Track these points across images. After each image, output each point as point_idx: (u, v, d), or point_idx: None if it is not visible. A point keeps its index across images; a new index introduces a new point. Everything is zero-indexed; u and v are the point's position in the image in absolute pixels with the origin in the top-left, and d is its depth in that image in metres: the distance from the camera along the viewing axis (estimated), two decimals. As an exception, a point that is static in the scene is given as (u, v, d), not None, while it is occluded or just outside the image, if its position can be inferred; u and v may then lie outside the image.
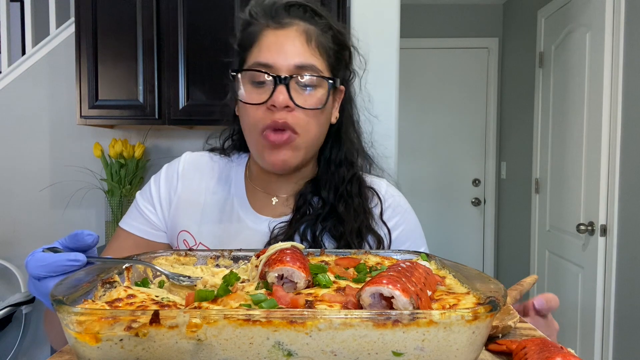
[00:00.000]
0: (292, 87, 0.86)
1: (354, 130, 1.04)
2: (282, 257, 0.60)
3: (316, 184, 0.99)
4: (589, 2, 2.65)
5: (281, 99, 0.84)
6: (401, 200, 1.05)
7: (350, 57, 1.00)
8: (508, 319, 0.65)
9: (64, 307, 0.46)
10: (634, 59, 2.33)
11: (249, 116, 0.89)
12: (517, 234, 3.86)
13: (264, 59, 0.87)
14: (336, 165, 1.00)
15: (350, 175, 0.99)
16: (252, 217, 0.98)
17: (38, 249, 0.64)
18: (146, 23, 2.51)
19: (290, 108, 0.86)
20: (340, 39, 0.95)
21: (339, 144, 1.01)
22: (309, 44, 0.88)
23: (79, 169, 2.82)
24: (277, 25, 0.89)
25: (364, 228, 0.96)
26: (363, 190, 1.00)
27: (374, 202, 1.00)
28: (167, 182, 1.02)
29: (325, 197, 0.97)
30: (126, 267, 0.65)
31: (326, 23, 0.92)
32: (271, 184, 1.00)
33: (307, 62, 0.87)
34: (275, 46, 0.87)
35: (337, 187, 0.97)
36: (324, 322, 0.45)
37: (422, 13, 4.23)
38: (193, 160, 1.05)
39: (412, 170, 4.31)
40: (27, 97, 2.87)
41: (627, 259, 2.38)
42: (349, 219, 0.94)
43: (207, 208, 0.99)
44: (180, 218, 0.99)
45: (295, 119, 0.87)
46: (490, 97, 4.32)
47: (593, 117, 2.62)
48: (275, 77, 0.85)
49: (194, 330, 0.45)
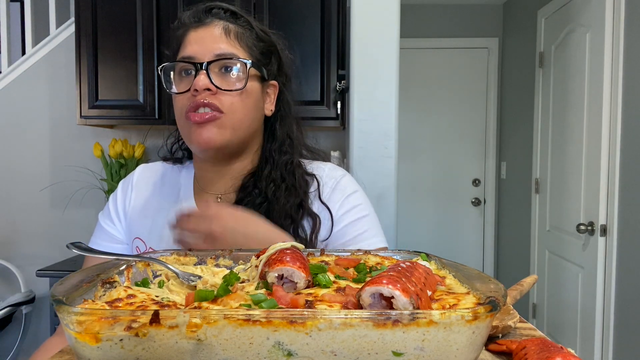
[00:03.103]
0: (212, 72, 0.92)
1: (290, 125, 1.07)
2: (282, 257, 0.60)
3: (255, 176, 1.02)
4: (589, 2, 2.65)
5: (201, 82, 0.90)
6: (344, 179, 1.05)
7: (281, 59, 1.04)
8: (508, 319, 0.66)
9: (64, 307, 0.46)
10: (634, 59, 2.33)
11: (177, 106, 0.96)
12: (517, 234, 3.86)
13: (187, 52, 0.94)
14: (270, 154, 1.03)
15: (283, 162, 1.02)
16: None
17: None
18: (146, 23, 2.51)
19: (212, 91, 0.91)
20: (265, 37, 1.01)
21: (274, 136, 1.05)
22: (228, 36, 0.95)
23: (79, 169, 2.82)
24: (198, 24, 0.96)
25: (298, 208, 0.98)
26: (297, 173, 1.02)
27: (313, 187, 1.03)
28: (123, 194, 1.08)
29: (259, 186, 1.00)
30: (126, 267, 0.65)
31: (247, 22, 0.99)
32: (213, 181, 1.04)
33: (226, 51, 0.94)
34: (196, 40, 0.95)
35: (270, 174, 1.01)
36: (324, 322, 0.45)
37: (422, 13, 4.23)
38: (146, 171, 1.11)
39: (412, 170, 4.31)
40: (27, 97, 2.87)
41: (627, 259, 2.39)
42: (277, 201, 0.97)
43: (156, 214, 1.04)
44: (133, 226, 1.05)
45: (219, 100, 0.92)
46: (490, 97, 4.32)
47: (593, 117, 2.62)
48: (195, 64, 0.92)
49: (194, 330, 0.45)
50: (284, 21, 2.45)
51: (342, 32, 2.48)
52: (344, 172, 1.08)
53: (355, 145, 2.13)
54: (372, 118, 2.11)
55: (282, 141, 1.04)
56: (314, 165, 1.08)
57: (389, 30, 2.10)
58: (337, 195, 1.02)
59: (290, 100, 1.07)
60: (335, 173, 1.06)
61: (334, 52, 2.47)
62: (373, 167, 2.09)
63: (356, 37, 2.11)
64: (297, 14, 2.47)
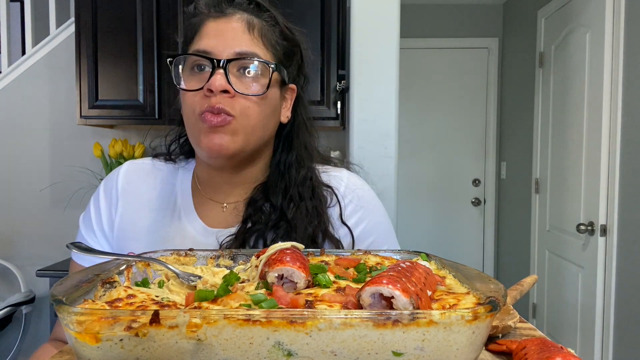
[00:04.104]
0: (231, 72, 0.83)
1: (307, 134, 0.98)
2: (282, 257, 0.60)
3: (266, 189, 0.93)
4: (589, 2, 2.65)
5: (218, 83, 0.80)
6: (364, 193, 0.98)
7: (302, 59, 0.95)
8: (508, 319, 0.66)
9: (64, 307, 0.46)
10: (634, 59, 2.33)
11: (187, 104, 0.86)
12: (517, 234, 3.86)
13: (203, 46, 0.84)
14: (286, 167, 0.94)
15: (301, 177, 0.93)
16: (200, 230, 0.92)
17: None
18: (146, 23, 2.51)
19: (229, 94, 0.82)
20: (290, 35, 0.91)
21: (290, 147, 0.95)
22: (251, 32, 0.85)
23: (79, 169, 2.82)
24: (218, 14, 0.86)
25: (319, 233, 0.90)
26: (317, 192, 0.93)
27: (333, 202, 0.95)
28: (107, 202, 0.96)
29: (274, 202, 0.90)
30: (126, 267, 0.65)
31: (272, 16, 0.90)
32: (219, 189, 0.94)
33: (248, 50, 0.84)
34: (215, 33, 0.85)
35: (287, 190, 0.91)
36: (324, 322, 0.45)
37: (422, 13, 4.23)
38: (134, 172, 0.98)
39: (412, 170, 4.31)
40: (27, 97, 2.87)
41: (627, 259, 2.38)
42: (300, 224, 0.88)
43: (152, 226, 0.93)
44: (125, 240, 0.93)
45: (233, 104, 0.82)
46: (490, 97, 4.32)
47: (593, 117, 2.62)
48: (212, 60, 0.82)
49: (194, 330, 0.45)
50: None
51: (342, 32, 2.48)
52: (362, 182, 1.01)
53: (355, 145, 2.13)
54: (372, 118, 2.11)
55: (299, 152, 0.95)
56: (329, 173, 0.99)
57: (389, 30, 2.10)
58: (358, 212, 0.95)
59: (307, 106, 0.98)
60: (354, 185, 0.98)
61: (334, 52, 2.47)
62: (373, 167, 2.09)
63: (356, 37, 2.11)
64: (297, 14, 2.46)
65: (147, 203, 0.95)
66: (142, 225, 0.94)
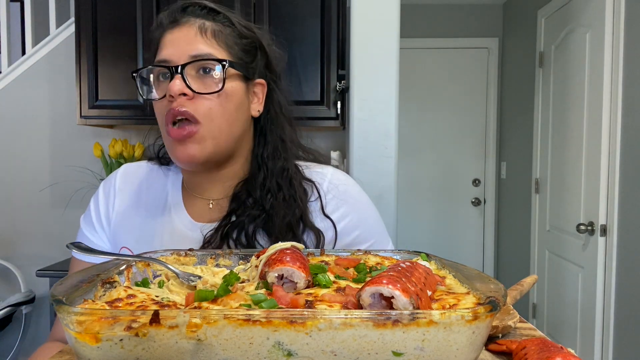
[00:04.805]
0: (189, 75, 0.86)
1: (282, 126, 1.00)
2: (282, 257, 0.60)
3: (248, 184, 0.97)
4: (589, 2, 2.65)
5: (176, 87, 0.84)
6: (349, 188, 1.00)
7: (268, 55, 0.97)
8: (508, 319, 0.66)
9: (64, 307, 0.46)
10: (634, 59, 2.33)
11: (157, 113, 0.91)
12: (517, 234, 3.86)
13: (162, 56, 0.89)
14: (263, 160, 0.97)
15: (279, 169, 0.96)
16: (188, 225, 0.96)
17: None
18: (146, 23, 2.51)
19: (188, 96, 0.86)
20: (247, 33, 0.94)
21: (264, 140, 0.98)
22: (204, 35, 0.89)
23: (79, 169, 2.82)
24: (173, 25, 0.91)
25: (298, 221, 0.92)
26: (294, 182, 0.96)
27: (314, 196, 0.97)
28: (106, 199, 1.02)
29: (254, 195, 0.94)
30: (126, 267, 0.65)
31: (226, 17, 0.93)
32: (203, 187, 0.98)
33: (202, 52, 0.87)
34: (171, 42, 0.89)
35: (264, 182, 0.95)
36: (324, 322, 0.45)
37: (422, 13, 4.23)
38: (130, 173, 1.04)
39: (412, 170, 4.31)
40: (27, 97, 2.87)
41: (627, 259, 2.38)
42: (277, 213, 0.91)
43: (144, 221, 0.98)
44: (119, 234, 0.98)
45: (195, 106, 0.86)
46: (490, 97, 4.32)
47: (593, 117, 2.62)
48: (169, 67, 0.87)
49: (194, 330, 0.45)
50: (284, 21, 2.45)
51: (342, 32, 2.48)
52: (346, 177, 1.03)
53: (355, 145, 2.13)
54: (372, 118, 2.11)
55: (275, 145, 0.98)
56: (312, 169, 1.01)
57: (389, 30, 2.10)
58: (341, 207, 0.97)
59: (281, 99, 1.00)
60: (337, 180, 1.00)
61: (334, 52, 2.47)
62: (373, 167, 2.09)
63: (356, 37, 2.11)
64: (297, 14, 2.47)
65: (140, 201, 1.01)
66: (135, 220, 0.99)
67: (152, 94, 0.91)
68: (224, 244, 0.91)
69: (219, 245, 0.90)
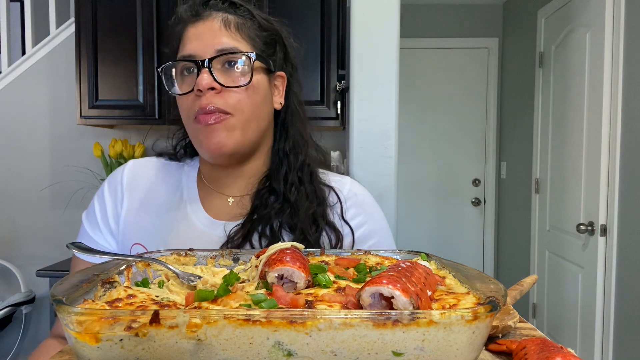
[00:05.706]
0: (215, 69, 0.87)
1: (299, 120, 1.01)
2: (282, 257, 0.60)
3: (269, 179, 0.97)
4: (589, 2, 2.65)
5: (204, 82, 0.85)
6: (366, 199, 1.03)
7: (286, 47, 0.99)
8: (508, 319, 0.66)
9: (64, 307, 0.46)
10: (634, 59, 2.33)
11: (182, 108, 0.91)
12: (517, 234, 3.86)
13: (187, 51, 0.89)
14: (285, 154, 0.98)
15: (300, 163, 0.97)
16: (206, 222, 0.95)
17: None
18: (146, 23, 2.51)
19: (216, 90, 0.86)
20: (267, 25, 0.95)
21: (286, 134, 0.99)
22: (228, 29, 0.89)
23: (79, 169, 2.82)
24: (196, 19, 0.91)
25: (319, 217, 0.93)
26: (315, 179, 0.98)
27: (333, 200, 0.98)
28: (112, 198, 0.98)
29: (277, 188, 0.94)
30: (126, 267, 0.65)
31: (247, 10, 0.93)
32: (223, 183, 0.98)
33: (227, 46, 0.88)
34: (195, 36, 0.89)
35: (287, 175, 0.96)
36: (324, 322, 0.45)
37: (422, 13, 4.23)
38: (139, 168, 1.02)
39: (412, 170, 4.31)
40: (27, 97, 2.87)
41: (627, 259, 2.38)
42: (302, 205, 0.92)
43: (158, 218, 0.96)
44: (130, 232, 0.96)
45: (224, 100, 0.87)
46: (490, 97, 4.32)
47: (593, 117, 2.62)
48: (196, 62, 0.87)
49: (194, 330, 0.45)
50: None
51: (342, 32, 2.48)
52: (364, 189, 1.05)
53: (355, 145, 2.13)
54: (372, 118, 2.11)
55: (295, 139, 0.99)
56: (330, 177, 1.02)
57: (389, 30, 2.09)
58: (361, 216, 0.99)
59: (298, 92, 1.02)
60: (357, 190, 1.03)
61: (334, 52, 2.47)
62: (373, 167, 2.09)
63: (356, 37, 2.11)
64: (297, 13, 2.47)
65: (152, 197, 0.98)
66: (148, 218, 0.96)
67: (175, 88, 0.91)
68: (246, 241, 0.90)
69: (241, 243, 0.90)
